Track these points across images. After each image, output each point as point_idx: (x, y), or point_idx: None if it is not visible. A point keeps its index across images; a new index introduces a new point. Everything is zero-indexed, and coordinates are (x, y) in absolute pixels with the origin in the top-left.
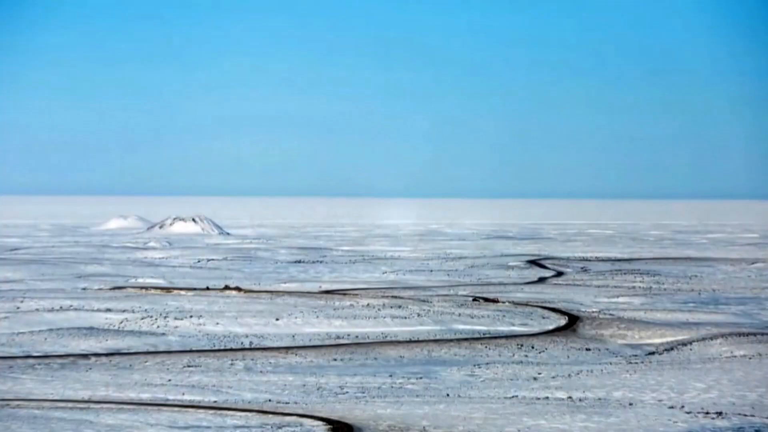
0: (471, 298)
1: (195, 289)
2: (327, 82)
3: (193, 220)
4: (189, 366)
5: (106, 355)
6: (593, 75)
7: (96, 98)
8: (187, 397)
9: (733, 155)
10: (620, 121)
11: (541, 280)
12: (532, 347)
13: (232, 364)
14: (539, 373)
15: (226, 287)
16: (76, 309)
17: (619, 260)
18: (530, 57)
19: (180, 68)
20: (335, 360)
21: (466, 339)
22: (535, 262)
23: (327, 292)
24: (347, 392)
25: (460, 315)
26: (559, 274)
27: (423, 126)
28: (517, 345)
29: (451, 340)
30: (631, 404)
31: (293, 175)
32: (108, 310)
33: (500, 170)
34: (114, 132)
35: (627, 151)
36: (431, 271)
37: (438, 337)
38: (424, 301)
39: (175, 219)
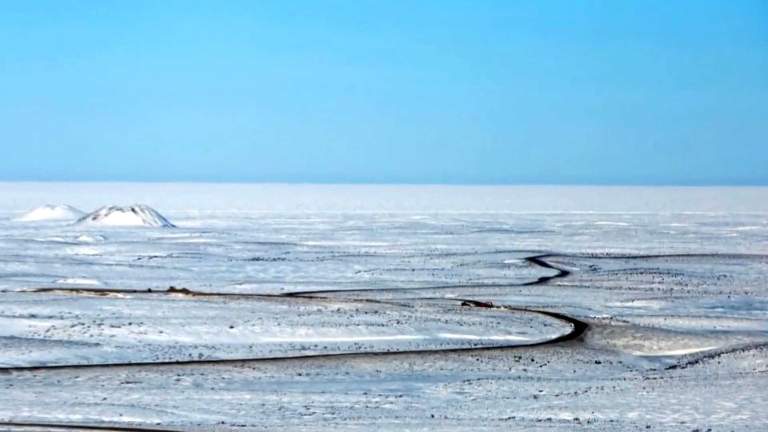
0: (460, 303)
1: (135, 291)
2: (292, 48)
3: (133, 210)
4: (127, 382)
5: (30, 369)
6: (602, 40)
7: (10, 61)
8: (126, 419)
9: None
10: (634, 94)
11: (543, 280)
12: (532, 360)
13: (178, 380)
14: (540, 391)
15: (172, 289)
16: None
17: (634, 257)
18: (527, 19)
19: (116, 26)
20: (300, 375)
21: (454, 350)
22: (535, 260)
23: (290, 295)
24: (314, 413)
25: (446, 322)
26: (564, 273)
27: (403, 99)
28: (515, 357)
29: (436, 352)
30: (648, 427)
31: (250, 158)
32: (32, 316)
33: (493, 151)
34: (35, 104)
35: (643, 129)
36: (413, 270)
37: (421, 348)
38: (404, 305)
39: (111, 209)
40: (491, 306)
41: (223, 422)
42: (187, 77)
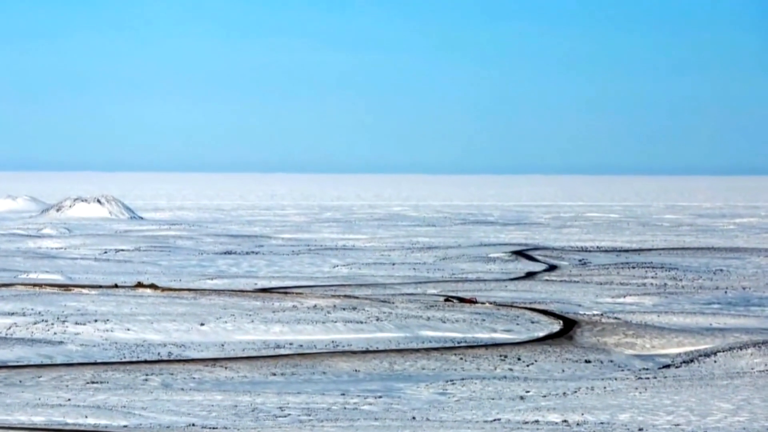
0: (442, 298)
1: (100, 286)
2: (266, 31)
3: (98, 201)
4: (93, 382)
5: None
6: (592, 24)
7: None
8: (91, 421)
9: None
10: (626, 79)
11: (530, 275)
12: (519, 359)
13: (146, 380)
14: (527, 391)
15: (139, 284)
16: None
17: (626, 251)
18: (514, 1)
19: (81, 8)
20: (274, 375)
21: (436, 349)
22: (521, 254)
23: (264, 290)
24: (289, 414)
25: (428, 319)
26: (552, 268)
27: (383, 85)
28: (500, 356)
29: (417, 351)
30: (641, 429)
31: (222, 147)
32: None
33: (478, 139)
34: None
35: (635, 116)
36: (393, 264)
37: (401, 347)
38: (384, 301)
39: (75, 200)
40: (475, 302)
41: (193, 424)
42: (156, 61)
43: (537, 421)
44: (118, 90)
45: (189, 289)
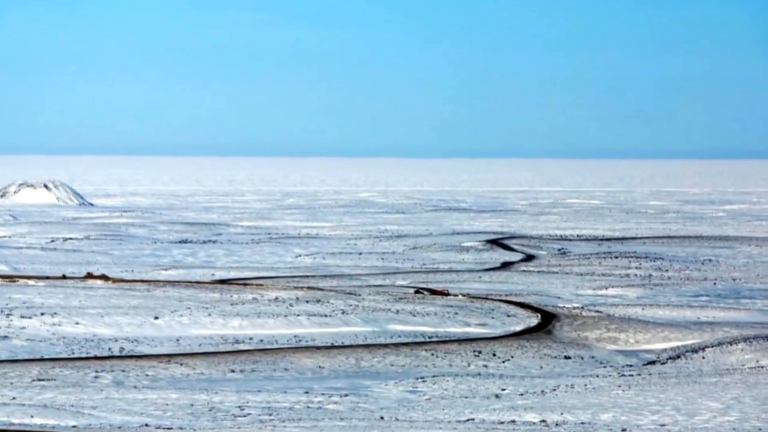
0: (412, 290)
1: (48, 277)
2: (223, 5)
3: (46, 186)
4: (40, 379)
5: None
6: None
7: None
8: (38, 421)
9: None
10: (608, 58)
11: (506, 265)
12: (494, 355)
13: (96, 377)
14: (503, 389)
15: (89, 275)
16: None
17: (609, 240)
18: None
19: None
20: (233, 372)
21: (406, 344)
22: (497, 243)
23: (222, 281)
24: (249, 414)
25: (398, 312)
26: (529, 258)
27: (348, 63)
28: (474, 352)
29: (386, 346)
30: (624, 430)
31: (177, 128)
32: None
33: (450, 121)
34: None
35: (618, 97)
36: (360, 254)
37: (369, 342)
38: (350, 293)
39: (21, 185)
40: (448, 294)
41: (147, 424)
42: (105, 36)
43: (513, 421)
44: (65, 68)
45: (142, 281)
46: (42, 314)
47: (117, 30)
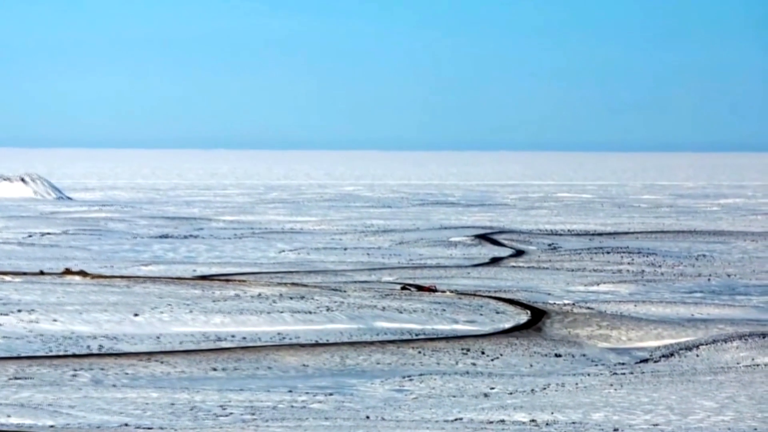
0: (399, 287)
1: (24, 273)
2: None
3: (22, 180)
4: (16, 378)
5: None
6: None
7: None
8: (14, 420)
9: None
10: (601, 48)
11: (495, 261)
12: (483, 353)
13: (74, 376)
14: (492, 388)
15: (67, 271)
16: None
17: (600, 234)
18: None
19: None
20: (215, 370)
21: (392, 342)
22: (485, 237)
23: (204, 277)
24: (231, 413)
25: (384, 309)
26: (519, 253)
27: (333, 53)
28: (462, 350)
29: (372, 344)
30: (616, 430)
31: (158, 120)
32: None
33: (437, 113)
34: None
35: (611, 87)
36: (345, 249)
37: (354, 339)
38: (335, 290)
39: None
40: (435, 290)
41: (126, 424)
42: (84, 26)
43: (503, 421)
44: (42, 59)
45: (121, 277)
46: (18, 311)
47: (96, 19)
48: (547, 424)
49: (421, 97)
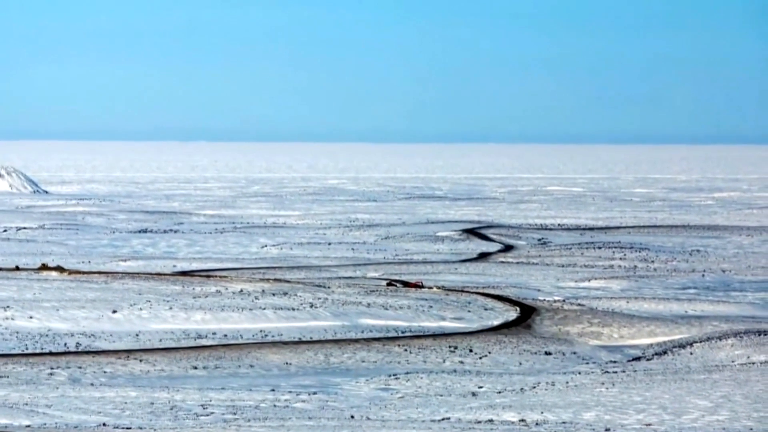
0: (385, 283)
1: (0, 269)
2: None
3: None
4: None
5: None
6: None
7: None
8: None
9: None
10: (592, 38)
11: (483, 256)
12: (470, 350)
13: (51, 374)
14: (480, 387)
15: (44, 267)
16: None
17: (591, 229)
18: None
19: None
20: (195, 368)
21: (377, 339)
22: (473, 232)
23: (184, 273)
24: (212, 413)
25: (369, 306)
26: (508, 248)
27: (317, 43)
28: (449, 347)
29: (356, 341)
30: (607, 430)
31: (137, 112)
32: None
33: (424, 104)
34: None
35: (602, 78)
36: (329, 244)
37: (338, 337)
38: (319, 286)
39: None
40: (422, 287)
41: (104, 424)
42: (59, 15)
43: (491, 420)
44: (17, 48)
45: (100, 272)
46: None
47: (73, 7)
48: (536, 423)
49: (407, 87)
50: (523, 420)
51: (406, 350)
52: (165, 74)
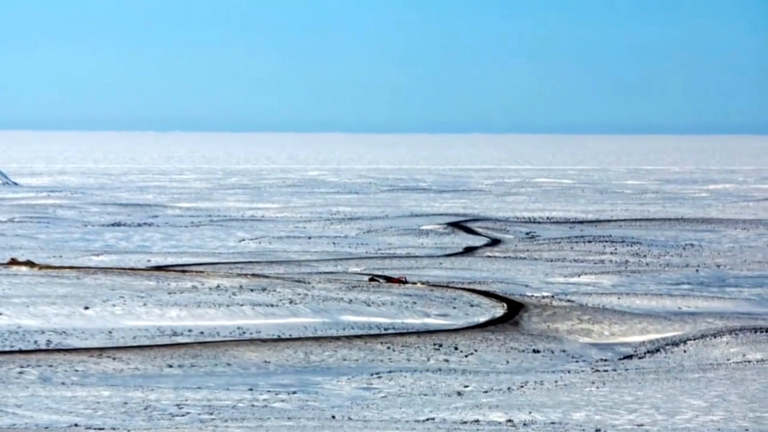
0: (367, 278)
1: None
2: None
3: None
4: None
5: None
6: None
7: None
8: None
9: (746, 73)
10: (582, 22)
11: (469, 250)
12: (456, 348)
13: (21, 373)
14: (466, 386)
15: (13, 261)
16: None
17: (581, 222)
18: None
19: None
20: (170, 367)
21: (359, 336)
22: (459, 226)
23: (159, 268)
24: (188, 413)
25: (351, 302)
26: (495, 242)
27: (296, 28)
28: (434, 345)
29: (338, 339)
30: (598, 430)
31: (110, 101)
32: None
33: (408, 93)
34: None
35: (593, 65)
36: (309, 238)
37: (319, 334)
38: (299, 281)
39: None
40: (405, 282)
41: (76, 424)
42: (37, 3)
43: (477, 421)
44: None
45: (71, 267)
46: None
47: None
48: (524, 424)
49: (390, 75)
50: (510, 420)
51: (389, 348)
52: (140, 61)
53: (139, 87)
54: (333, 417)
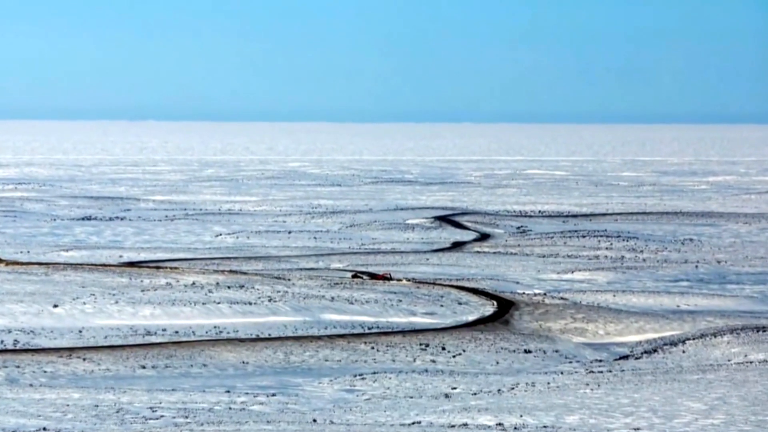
0: (350, 275)
1: None
2: None
3: None
4: None
5: None
6: None
7: None
8: None
9: (747, 60)
10: (575, 5)
11: (457, 246)
12: (443, 348)
13: None
14: (453, 388)
15: None
16: None
17: (575, 216)
18: None
19: None
20: (144, 368)
21: (342, 336)
22: (446, 219)
23: (131, 264)
24: (162, 416)
25: (333, 299)
26: (484, 237)
27: (276, 13)
28: (420, 345)
29: (319, 338)
30: None
31: (79, 88)
32: None
33: (392, 80)
34: None
35: (586, 51)
36: (289, 232)
37: (300, 334)
38: (278, 278)
39: None
40: (390, 279)
41: (45, 428)
42: None
43: (466, 424)
44: None
45: (39, 263)
46: None
47: None
48: (515, 428)
49: (374, 62)
50: (500, 424)
51: (373, 348)
52: (111, 46)
53: (110, 73)
54: (314, 420)
